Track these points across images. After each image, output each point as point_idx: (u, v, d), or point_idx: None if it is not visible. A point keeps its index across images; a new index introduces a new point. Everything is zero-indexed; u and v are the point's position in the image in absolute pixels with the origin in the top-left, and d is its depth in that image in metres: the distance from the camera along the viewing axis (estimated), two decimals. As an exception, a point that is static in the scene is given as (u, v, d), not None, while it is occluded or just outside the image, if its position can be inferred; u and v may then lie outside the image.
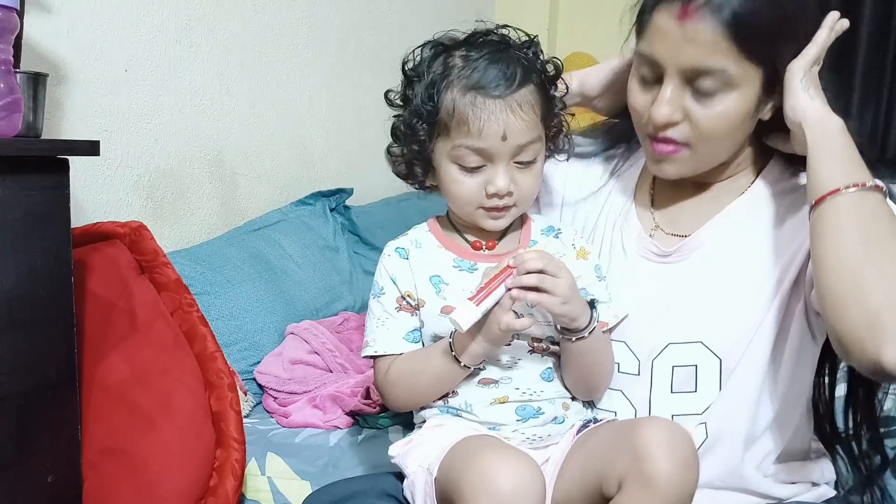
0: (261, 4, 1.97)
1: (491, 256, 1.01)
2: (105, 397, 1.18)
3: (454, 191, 0.97)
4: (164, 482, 1.13)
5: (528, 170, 0.96)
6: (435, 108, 0.94)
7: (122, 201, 1.62)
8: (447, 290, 0.99)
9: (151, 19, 1.65)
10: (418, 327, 1.01)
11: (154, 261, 1.28)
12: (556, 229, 1.05)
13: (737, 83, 0.92)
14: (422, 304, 1.00)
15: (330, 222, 2.07)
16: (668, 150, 0.98)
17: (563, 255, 0.99)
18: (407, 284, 1.00)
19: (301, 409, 1.52)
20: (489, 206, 0.96)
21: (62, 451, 1.10)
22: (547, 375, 0.99)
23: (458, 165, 0.95)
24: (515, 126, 0.93)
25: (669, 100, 0.94)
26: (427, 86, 0.95)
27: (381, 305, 1.01)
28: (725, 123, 0.94)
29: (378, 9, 2.43)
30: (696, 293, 1.00)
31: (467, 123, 0.92)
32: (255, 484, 1.30)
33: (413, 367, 1.00)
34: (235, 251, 1.75)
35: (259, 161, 2.01)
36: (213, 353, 1.24)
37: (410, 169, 1.01)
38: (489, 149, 0.93)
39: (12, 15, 1.00)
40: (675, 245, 1.03)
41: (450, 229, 1.04)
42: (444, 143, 0.96)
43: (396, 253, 1.02)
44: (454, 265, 1.00)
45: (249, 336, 1.64)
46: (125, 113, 1.61)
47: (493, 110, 0.92)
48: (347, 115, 2.32)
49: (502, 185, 0.94)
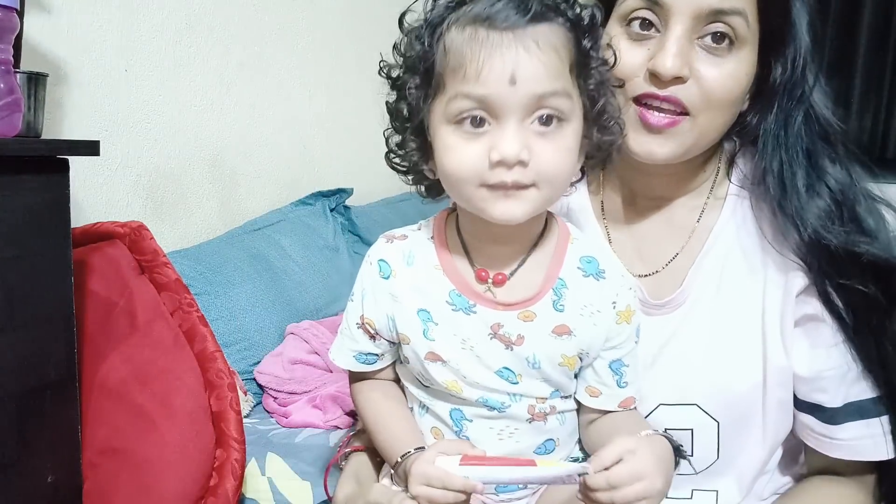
0: (261, 4, 1.97)
1: (495, 304, 0.79)
2: (105, 397, 1.18)
3: (448, 163, 0.73)
4: (164, 482, 1.13)
5: (551, 137, 0.71)
6: (427, 54, 0.73)
7: (122, 201, 1.62)
8: (436, 332, 0.80)
9: (151, 19, 1.65)
10: (374, 353, 0.87)
11: (154, 261, 1.28)
12: (600, 269, 0.81)
13: (747, 39, 0.82)
14: (405, 339, 0.82)
15: (330, 222, 2.07)
16: (666, 122, 0.82)
17: (595, 311, 0.80)
18: (372, 311, 0.84)
19: (301, 409, 1.52)
20: (494, 183, 0.71)
21: (62, 451, 1.10)
22: (544, 448, 0.84)
23: (455, 126, 0.72)
24: (528, 66, 0.69)
25: (678, 51, 0.80)
26: (421, 28, 0.75)
27: (347, 313, 0.88)
28: (735, 87, 0.83)
29: (378, 9, 2.43)
30: (685, 349, 0.90)
31: (463, 64, 0.70)
32: (255, 484, 1.30)
33: (369, 417, 0.89)
34: (235, 251, 1.75)
35: (259, 161, 2.01)
36: (213, 353, 1.24)
37: (406, 150, 0.80)
38: (492, 97, 0.69)
39: (12, 15, 1.00)
40: (663, 297, 0.92)
41: (457, 240, 0.83)
42: (440, 103, 0.73)
43: (379, 267, 0.83)
44: (448, 300, 0.80)
45: (249, 336, 1.64)
46: (125, 113, 1.61)
47: (498, 44, 0.69)
48: (347, 115, 2.32)
49: (509, 150, 0.69)
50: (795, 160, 0.87)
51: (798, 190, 0.86)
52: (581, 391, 0.85)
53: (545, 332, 0.80)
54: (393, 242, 0.85)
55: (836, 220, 0.85)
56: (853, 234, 0.85)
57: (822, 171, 0.87)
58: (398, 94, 0.79)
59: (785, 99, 0.86)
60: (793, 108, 0.86)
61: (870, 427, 0.89)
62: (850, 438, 0.89)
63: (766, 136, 0.87)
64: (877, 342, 0.87)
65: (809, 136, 0.87)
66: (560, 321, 0.80)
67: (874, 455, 0.89)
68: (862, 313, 0.86)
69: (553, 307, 0.80)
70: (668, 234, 0.95)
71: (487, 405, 0.81)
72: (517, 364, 0.80)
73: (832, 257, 0.85)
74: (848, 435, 0.89)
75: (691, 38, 0.81)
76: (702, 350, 0.90)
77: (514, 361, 0.80)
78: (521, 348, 0.80)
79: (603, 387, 0.84)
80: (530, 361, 0.80)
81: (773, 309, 0.89)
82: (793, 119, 0.87)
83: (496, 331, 0.80)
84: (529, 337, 0.80)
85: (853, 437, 0.89)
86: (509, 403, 0.81)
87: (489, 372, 0.80)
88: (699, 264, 0.92)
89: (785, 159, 0.87)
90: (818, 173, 0.87)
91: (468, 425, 0.83)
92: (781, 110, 0.86)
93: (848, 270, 0.85)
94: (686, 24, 0.80)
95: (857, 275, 0.85)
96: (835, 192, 0.86)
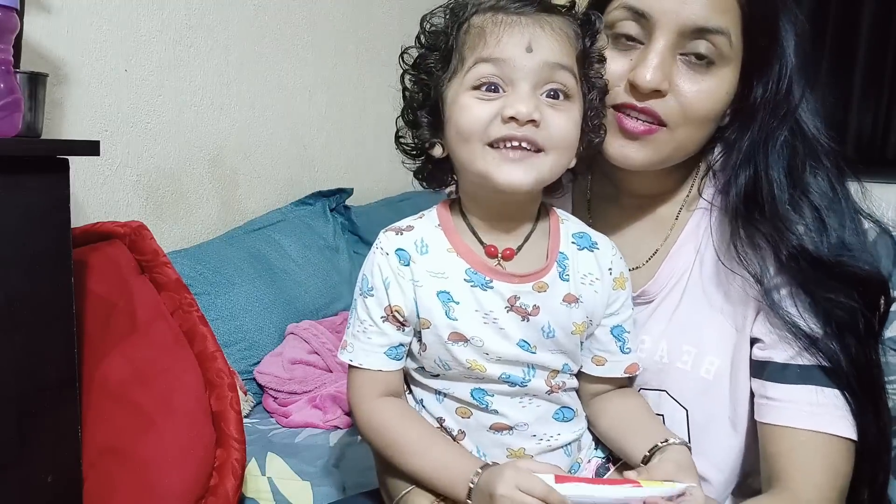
0: (261, 4, 1.97)
1: (510, 276, 0.83)
2: (105, 397, 1.18)
3: (461, 119, 0.78)
4: (164, 482, 1.13)
5: (560, 107, 0.78)
6: (450, 34, 0.81)
7: (122, 201, 1.62)
8: (458, 311, 0.83)
9: (151, 19, 1.65)
10: (404, 342, 0.86)
11: (154, 261, 1.28)
12: (592, 240, 0.88)
13: (730, 58, 0.84)
14: (425, 324, 0.83)
15: (330, 222, 2.07)
16: (642, 129, 0.85)
17: (595, 279, 0.86)
18: (399, 298, 0.84)
19: (301, 409, 1.52)
20: (503, 136, 0.76)
21: (62, 451, 1.10)
22: (562, 415, 0.88)
23: (473, 90, 0.78)
24: (543, 39, 0.77)
25: (659, 64, 0.82)
26: (444, 14, 0.83)
27: (367, 309, 0.86)
28: (713, 104, 0.85)
29: (378, 9, 2.43)
30: (656, 337, 0.94)
31: (484, 36, 0.78)
32: (255, 484, 1.30)
33: (406, 442, 0.85)
34: (235, 251, 1.75)
35: (259, 161, 2.01)
36: (213, 353, 1.24)
37: (418, 128, 0.84)
38: (510, 61, 0.76)
39: (12, 15, 1.00)
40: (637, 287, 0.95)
41: (463, 224, 0.86)
42: (459, 77, 0.80)
43: (397, 256, 0.84)
44: (466, 279, 0.83)
45: (249, 336, 1.65)
46: (125, 113, 1.61)
47: (517, 22, 0.78)
48: (347, 115, 2.32)
49: (523, 108, 0.75)
50: (771, 177, 0.87)
51: (770, 205, 0.87)
52: (587, 363, 0.90)
53: (557, 302, 0.84)
54: (403, 234, 0.86)
55: (821, 235, 0.86)
56: (838, 249, 0.85)
57: (805, 187, 0.88)
58: (416, 73, 0.84)
59: (767, 117, 0.88)
60: (776, 126, 0.88)
61: (822, 396, 0.85)
62: (798, 401, 0.85)
63: (738, 152, 0.89)
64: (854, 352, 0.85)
65: (793, 153, 0.88)
66: (567, 290, 0.85)
67: (837, 428, 0.84)
68: (844, 327, 0.85)
69: (560, 277, 0.85)
70: (650, 230, 0.98)
71: (510, 381, 0.84)
72: (532, 335, 0.84)
73: (815, 271, 0.85)
74: (795, 397, 0.86)
75: (674, 53, 0.83)
76: (670, 339, 0.93)
77: (529, 333, 0.84)
78: (536, 318, 0.83)
79: (607, 354, 0.89)
80: (545, 331, 0.84)
81: (738, 300, 0.90)
82: (774, 137, 0.88)
83: (513, 304, 0.83)
84: (544, 307, 0.84)
85: (802, 400, 0.85)
86: (528, 378, 0.84)
87: (510, 343, 0.83)
88: (672, 257, 0.95)
89: (756, 176, 0.88)
90: (802, 189, 0.87)
91: (492, 401, 0.85)
92: (762, 128, 0.88)
93: (832, 284, 0.85)
94: (669, 38, 0.83)
95: (840, 289, 0.85)
96: (819, 208, 0.87)
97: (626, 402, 0.91)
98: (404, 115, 0.86)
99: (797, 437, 0.85)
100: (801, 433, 0.85)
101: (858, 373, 0.85)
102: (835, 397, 0.85)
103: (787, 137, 0.88)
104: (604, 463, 0.93)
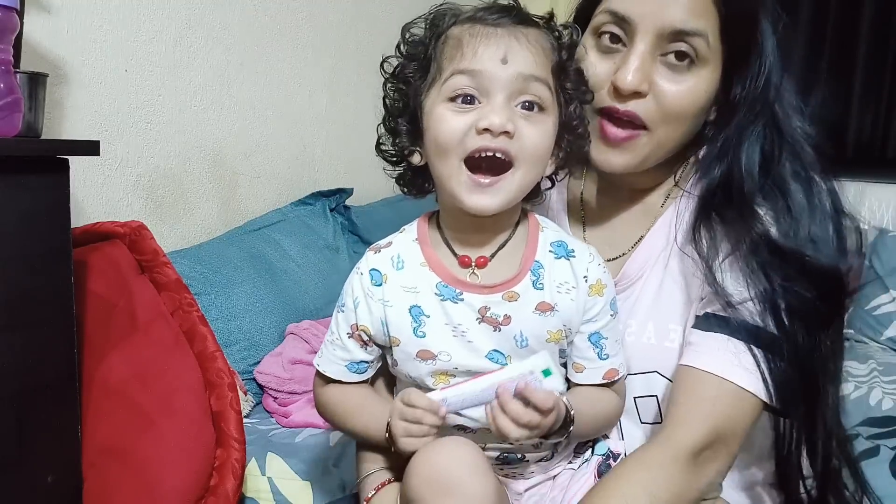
0: (261, 4, 1.97)
1: (481, 288, 0.85)
2: (105, 397, 1.18)
3: (438, 132, 0.80)
4: (165, 482, 1.13)
5: (534, 119, 0.80)
6: (427, 44, 0.83)
7: (122, 201, 1.62)
8: (428, 325, 0.85)
9: (151, 19, 1.65)
10: (367, 360, 0.91)
11: (154, 260, 1.28)
12: (569, 249, 0.89)
13: (709, 58, 0.87)
14: (395, 342, 0.87)
15: (330, 222, 2.07)
16: (623, 136, 0.89)
17: (571, 287, 0.86)
18: (366, 318, 0.88)
19: (301, 409, 1.52)
20: (478, 148, 0.78)
21: (62, 451, 1.10)
22: None
23: (449, 102, 0.80)
24: (519, 51, 0.79)
25: (639, 66, 0.86)
26: (423, 24, 0.86)
27: (337, 323, 0.91)
28: (692, 103, 0.88)
29: (378, 9, 2.43)
30: (641, 320, 0.96)
31: (461, 47, 0.80)
32: (255, 484, 1.30)
33: (346, 408, 0.92)
34: (235, 251, 1.75)
35: (259, 161, 2.01)
36: (213, 353, 1.24)
37: (397, 136, 0.87)
38: (485, 73, 0.78)
39: (12, 15, 1.00)
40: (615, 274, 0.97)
41: (438, 237, 0.89)
42: (437, 87, 0.81)
43: (371, 276, 0.88)
44: (436, 292, 0.85)
45: (249, 336, 1.65)
46: (125, 113, 1.61)
47: (494, 34, 0.79)
48: (347, 115, 2.32)
49: (496, 119, 0.77)
50: (743, 170, 0.90)
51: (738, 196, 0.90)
52: (569, 369, 0.91)
53: (529, 310, 0.85)
54: (380, 252, 0.90)
55: (788, 226, 0.88)
56: (803, 241, 0.88)
57: (779, 180, 0.90)
58: (396, 83, 0.87)
59: (746, 112, 0.91)
60: (751, 120, 0.91)
61: (730, 344, 0.86)
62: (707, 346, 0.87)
63: (713, 145, 0.93)
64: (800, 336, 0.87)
65: (770, 145, 0.91)
66: (541, 298, 0.86)
67: (735, 376, 0.85)
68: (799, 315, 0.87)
69: (533, 286, 0.86)
70: (636, 219, 1.01)
71: None
72: (505, 344, 0.85)
73: (776, 259, 0.87)
74: (707, 342, 0.87)
75: (654, 55, 0.87)
76: (656, 320, 0.95)
77: (502, 342, 0.85)
78: (508, 328, 0.85)
79: (585, 361, 0.90)
80: (518, 340, 0.85)
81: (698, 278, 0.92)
82: (749, 130, 0.91)
83: (483, 314, 0.85)
84: (515, 316, 0.85)
85: (712, 346, 0.87)
86: None
87: (478, 356, 0.85)
88: (648, 240, 0.98)
89: (730, 169, 0.91)
90: (774, 182, 0.90)
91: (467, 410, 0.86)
92: (739, 123, 0.91)
93: (790, 273, 0.87)
94: (649, 41, 0.86)
95: (799, 279, 0.87)
96: (788, 201, 0.89)
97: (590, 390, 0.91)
98: (385, 122, 0.89)
99: (696, 376, 0.87)
100: (696, 372, 0.87)
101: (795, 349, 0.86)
102: (745, 352, 0.86)
103: (762, 132, 0.91)
104: (604, 460, 0.94)
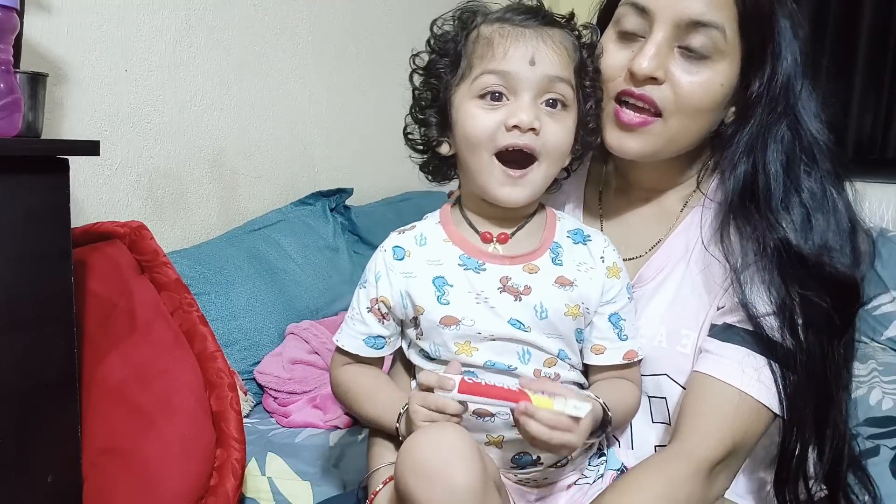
0: (261, 4, 1.97)
1: (503, 258, 0.90)
2: (105, 397, 1.18)
3: (469, 128, 0.86)
4: (164, 482, 1.13)
5: (556, 117, 0.86)
6: (459, 41, 0.88)
7: (122, 201, 1.62)
8: (451, 293, 0.89)
9: (151, 19, 1.65)
10: (383, 335, 0.95)
11: (154, 260, 1.28)
12: (585, 234, 0.94)
13: (726, 52, 0.88)
14: (420, 311, 0.90)
15: (330, 222, 2.07)
16: (638, 121, 0.91)
17: (589, 267, 0.91)
18: (387, 290, 0.92)
19: (301, 409, 1.52)
20: (507, 145, 0.84)
21: (62, 451, 1.10)
22: None
23: (479, 99, 0.86)
24: (546, 53, 0.85)
25: (655, 53, 0.88)
26: (454, 22, 0.90)
27: (357, 299, 0.96)
28: (706, 95, 0.90)
29: (378, 9, 2.43)
30: (654, 322, 0.97)
31: (492, 47, 0.85)
32: (255, 484, 1.30)
33: (362, 391, 0.96)
34: (235, 251, 1.75)
35: (259, 161, 2.01)
36: (213, 353, 1.24)
37: (426, 126, 0.92)
38: (514, 74, 0.84)
39: (12, 15, 1.00)
40: (632, 276, 0.98)
41: (461, 218, 0.94)
42: (466, 84, 0.87)
43: (393, 252, 0.93)
44: (460, 263, 0.90)
45: (249, 336, 1.64)
46: (125, 113, 1.61)
47: (522, 35, 0.85)
48: (347, 115, 2.32)
49: (525, 117, 0.83)
50: (769, 171, 0.91)
51: (764, 198, 0.90)
52: (587, 352, 0.93)
53: (549, 283, 0.89)
54: (404, 233, 0.95)
55: (807, 233, 0.89)
56: (820, 248, 0.88)
57: (798, 184, 0.91)
58: (426, 76, 0.92)
59: (765, 112, 0.91)
60: (774, 120, 0.91)
61: (750, 358, 0.88)
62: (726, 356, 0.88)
63: (737, 145, 0.93)
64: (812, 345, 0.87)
65: (791, 149, 0.91)
66: (560, 273, 0.90)
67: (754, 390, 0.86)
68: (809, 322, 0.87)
69: (552, 262, 0.90)
70: (655, 221, 1.02)
71: (495, 368, 0.88)
72: (525, 314, 0.88)
73: (794, 267, 0.88)
74: (725, 353, 0.89)
75: (671, 45, 0.89)
76: (669, 324, 0.96)
77: (522, 312, 0.88)
78: (528, 298, 0.88)
79: (606, 341, 0.93)
80: (538, 311, 0.88)
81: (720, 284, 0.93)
82: (772, 132, 0.91)
83: (505, 283, 0.89)
84: (536, 287, 0.88)
85: (730, 356, 0.88)
86: (516, 366, 0.88)
87: (502, 321, 0.88)
88: (668, 244, 0.99)
89: (754, 169, 0.91)
90: (794, 185, 0.91)
91: None
92: (760, 123, 0.92)
93: (808, 282, 0.87)
94: (667, 31, 0.88)
95: (817, 288, 0.87)
96: (808, 207, 0.90)
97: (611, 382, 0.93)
98: (413, 112, 0.93)
99: (716, 387, 0.88)
100: (716, 383, 0.88)
101: (810, 362, 0.87)
102: (764, 366, 0.87)
103: (786, 133, 0.91)
104: (618, 475, 0.93)
